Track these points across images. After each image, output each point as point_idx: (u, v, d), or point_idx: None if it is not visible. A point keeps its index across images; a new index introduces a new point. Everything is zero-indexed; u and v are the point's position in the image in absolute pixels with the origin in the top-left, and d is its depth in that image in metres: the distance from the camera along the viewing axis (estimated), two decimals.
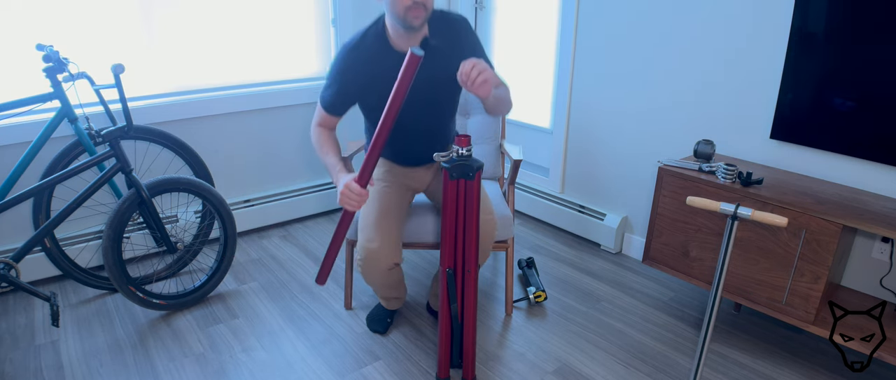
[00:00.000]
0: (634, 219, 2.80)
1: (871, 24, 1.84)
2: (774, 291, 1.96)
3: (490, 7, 3.37)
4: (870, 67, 1.87)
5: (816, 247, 1.83)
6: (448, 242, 1.71)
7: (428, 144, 1.97)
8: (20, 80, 2.30)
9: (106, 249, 2.08)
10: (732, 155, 2.35)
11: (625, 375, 1.98)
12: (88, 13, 2.39)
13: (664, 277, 2.64)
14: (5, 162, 2.30)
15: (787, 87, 2.08)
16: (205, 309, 2.32)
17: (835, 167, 2.08)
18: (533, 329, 2.23)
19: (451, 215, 1.68)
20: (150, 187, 2.17)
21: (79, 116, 2.34)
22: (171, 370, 1.95)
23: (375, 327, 2.19)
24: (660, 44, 2.49)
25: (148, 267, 2.61)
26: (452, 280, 1.76)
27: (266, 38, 2.88)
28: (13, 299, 2.37)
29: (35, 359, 2.00)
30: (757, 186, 1.99)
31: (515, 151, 2.31)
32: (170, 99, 2.65)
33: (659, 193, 2.21)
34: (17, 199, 2.00)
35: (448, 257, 1.73)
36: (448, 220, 1.68)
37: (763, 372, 1.99)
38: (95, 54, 2.45)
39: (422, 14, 1.61)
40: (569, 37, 2.83)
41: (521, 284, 2.58)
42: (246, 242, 2.91)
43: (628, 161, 2.74)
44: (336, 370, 1.97)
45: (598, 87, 2.78)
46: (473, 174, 1.63)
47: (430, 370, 1.98)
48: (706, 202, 1.52)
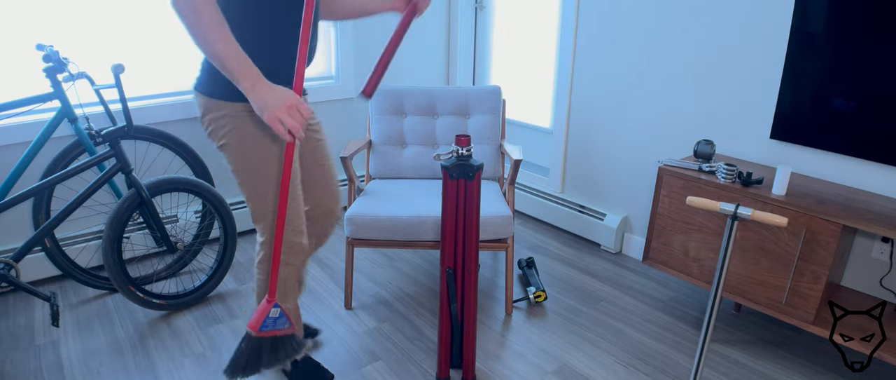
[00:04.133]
0: (634, 219, 2.80)
1: (871, 24, 1.84)
2: (774, 291, 1.96)
3: (490, 7, 3.37)
4: (870, 67, 1.87)
5: (816, 247, 1.83)
6: (448, 242, 1.71)
7: (291, 71, 1.50)
8: (20, 80, 2.30)
9: (106, 249, 2.08)
10: (732, 155, 2.35)
11: (625, 375, 1.98)
12: (88, 13, 2.39)
13: (664, 277, 2.64)
14: (5, 162, 2.30)
15: (787, 87, 2.09)
16: (205, 309, 2.32)
17: (835, 167, 2.08)
18: (533, 329, 2.23)
19: (451, 215, 1.68)
20: (150, 187, 2.17)
21: (79, 116, 2.34)
22: (171, 370, 1.95)
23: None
24: (660, 44, 2.49)
25: (148, 267, 2.61)
26: (452, 280, 1.76)
27: None
28: (13, 299, 2.37)
29: (35, 359, 2.00)
30: (757, 186, 1.99)
31: (515, 151, 2.31)
32: (170, 99, 2.65)
33: (659, 193, 2.21)
34: (17, 199, 2.00)
35: (448, 257, 1.73)
36: (448, 220, 1.68)
37: (763, 372, 1.99)
38: (95, 54, 2.45)
39: None
40: (569, 37, 2.83)
41: (521, 284, 2.58)
42: (246, 242, 2.91)
43: (628, 161, 2.74)
44: (336, 370, 1.97)
45: (598, 88, 2.78)
46: (473, 174, 1.63)
47: (430, 370, 1.98)
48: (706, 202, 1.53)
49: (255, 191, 1.54)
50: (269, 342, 1.53)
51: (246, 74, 1.25)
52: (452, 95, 2.53)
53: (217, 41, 1.21)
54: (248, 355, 1.51)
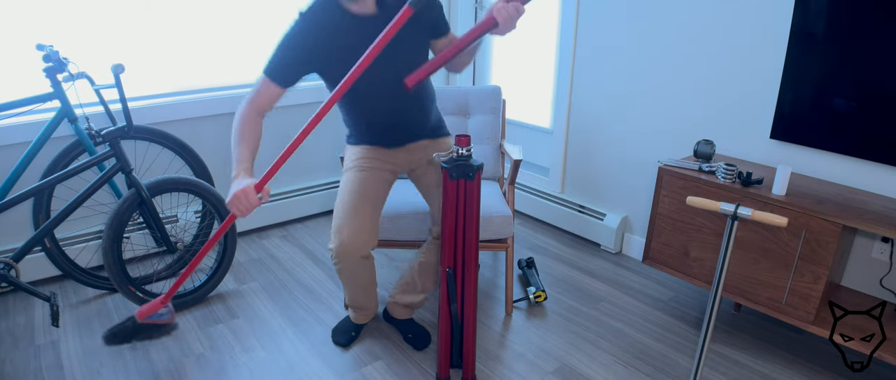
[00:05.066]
0: (634, 219, 2.80)
1: (871, 24, 1.84)
2: (774, 291, 1.96)
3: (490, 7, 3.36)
4: (870, 67, 1.87)
5: (816, 247, 1.83)
6: (448, 242, 1.71)
7: (404, 120, 1.90)
8: (20, 80, 2.30)
9: (106, 249, 2.08)
10: (732, 155, 2.35)
11: (625, 375, 1.98)
12: (88, 13, 2.39)
13: (664, 277, 2.64)
14: (5, 162, 2.30)
15: (787, 87, 2.08)
16: (205, 309, 2.32)
17: (834, 167, 2.08)
18: (533, 329, 2.23)
19: (451, 215, 1.68)
20: (150, 187, 2.17)
21: (79, 116, 2.34)
22: (171, 370, 1.95)
23: (338, 339, 2.11)
24: (660, 44, 2.49)
25: (148, 267, 2.61)
26: (452, 280, 1.76)
27: (266, 39, 2.88)
28: (13, 299, 2.37)
29: (35, 359, 2.00)
30: (757, 186, 1.99)
31: (515, 151, 2.31)
32: (170, 99, 2.65)
33: (659, 193, 2.21)
34: (17, 199, 2.00)
35: (448, 257, 1.73)
36: (448, 220, 1.68)
37: (763, 372, 1.99)
38: (95, 54, 2.45)
39: None
40: (569, 36, 2.83)
41: (521, 284, 2.58)
42: (246, 242, 2.91)
43: (628, 161, 2.74)
44: (336, 370, 1.97)
45: (598, 87, 2.78)
46: (473, 174, 1.63)
47: (430, 370, 1.98)
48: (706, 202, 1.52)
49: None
50: (148, 327, 1.94)
51: (234, 166, 1.67)
52: (452, 94, 2.53)
53: (235, 139, 1.71)
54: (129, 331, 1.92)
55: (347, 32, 1.70)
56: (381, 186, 1.93)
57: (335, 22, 1.70)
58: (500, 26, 1.51)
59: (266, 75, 1.71)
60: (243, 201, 1.58)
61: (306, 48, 1.70)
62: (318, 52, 1.71)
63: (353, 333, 2.12)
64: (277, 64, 1.70)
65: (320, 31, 1.70)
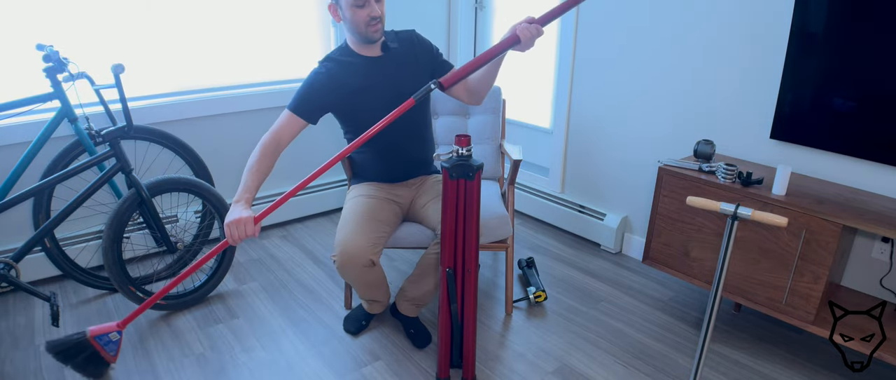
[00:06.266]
0: (634, 219, 2.80)
1: (871, 24, 1.84)
2: (774, 291, 1.96)
3: (490, 7, 3.37)
4: (870, 67, 1.87)
5: (816, 247, 1.83)
6: (448, 242, 1.71)
7: (407, 156, 2.09)
8: (20, 80, 2.30)
9: (106, 249, 2.08)
10: (732, 155, 2.35)
11: (625, 375, 1.98)
12: (88, 13, 2.39)
13: (664, 277, 2.64)
14: (5, 162, 2.30)
15: (787, 87, 2.09)
16: (205, 309, 2.32)
17: (834, 167, 2.08)
18: (533, 329, 2.23)
19: (451, 215, 1.68)
20: (150, 187, 2.17)
21: (79, 116, 2.34)
22: (171, 370, 1.95)
23: (349, 327, 2.19)
24: (660, 44, 2.49)
25: (148, 267, 2.61)
26: (452, 280, 1.76)
27: (266, 39, 2.88)
28: (13, 299, 2.37)
29: (35, 359, 2.00)
30: (757, 186, 1.99)
31: (515, 151, 2.31)
32: (170, 99, 2.65)
33: (659, 193, 2.21)
34: (17, 199, 2.00)
35: (448, 257, 1.73)
36: (448, 220, 1.68)
37: (763, 372, 1.99)
38: (95, 54, 2.45)
39: (379, 27, 1.87)
40: (569, 36, 2.83)
41: (521, 284, 2.58)
42: (246, 242, 2.91)
43: (628, 161, 2.74)
44: (336, 370, 1.98)
45: (598, 87, 2.78)
46: (473, 174, 1.63)
47: (430, 370, 1.98)
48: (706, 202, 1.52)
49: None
50: (90, 351, 1.84)
51: (239, 190, 1.77)
52: None
53: (248, 166, 1.82)
54: (72, 348, 1.81)
55: (358, 73, 1.93)
56: (388, 210, 2.03)
57: (347, 65, 1.94)
58: (522, 43, 1.64)
59: (290, 110, 1.90)
60: (240, 229, 1.67)
61: (324, 88, 1.91)
62: (334, 95, 1.93)
63: (363, 321, 2.20)
64: (300, 102, 1.90)
65: (336, 73, 1.93)
